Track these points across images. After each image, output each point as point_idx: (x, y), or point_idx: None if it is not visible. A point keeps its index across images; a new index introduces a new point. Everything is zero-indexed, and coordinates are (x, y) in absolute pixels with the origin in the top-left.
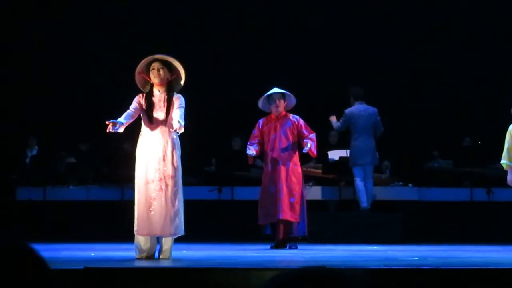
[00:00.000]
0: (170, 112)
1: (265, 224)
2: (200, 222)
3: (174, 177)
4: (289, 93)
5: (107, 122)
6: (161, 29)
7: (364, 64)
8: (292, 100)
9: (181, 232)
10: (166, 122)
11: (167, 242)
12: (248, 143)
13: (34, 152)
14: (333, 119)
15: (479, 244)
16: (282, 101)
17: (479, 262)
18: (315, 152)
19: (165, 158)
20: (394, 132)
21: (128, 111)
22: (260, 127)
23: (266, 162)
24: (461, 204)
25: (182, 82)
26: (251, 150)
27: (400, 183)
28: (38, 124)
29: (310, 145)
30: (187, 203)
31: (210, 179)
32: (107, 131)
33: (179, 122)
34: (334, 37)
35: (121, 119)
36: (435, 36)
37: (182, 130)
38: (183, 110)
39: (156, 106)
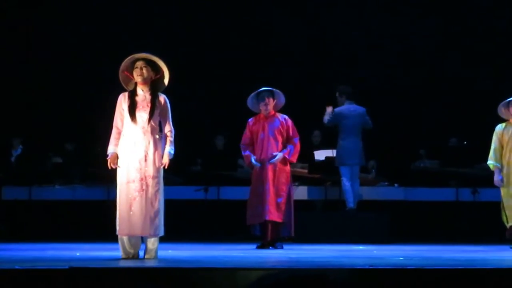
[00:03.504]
0: (154, 113)
1: (254, 224)
2: (186, 222)
3: (155, 177)
4: (278, 91)
5: (108, 160)
6: (145, 27)
7: (350, 64)
8: (282, 99)
9: (161, 232)
10: (149, 122)
11: (152, 242)
12: (242, 146)
13: (19, 151)
14: (329, 109)
15: (465, 244)
16: (271, 99)
17: (465, 262)
18: (293, 159)
19: (147, 158)
20: (381, 132)
21: (114, 134)
22: (250, 127)
23: (256, 161)
24: (447, 204)
25: (166, 82)
26: (256, 161)
27: (386, 183)
28: (24, 124)
29: (278, 157)
30: (173, 203)
31: (196, 178)
32: (110, 168)
33: (169, 154)
34: (321, 38)
35: (115, 147)
36: (424, 36)
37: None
38: (172, 127)
39: (139, 105)
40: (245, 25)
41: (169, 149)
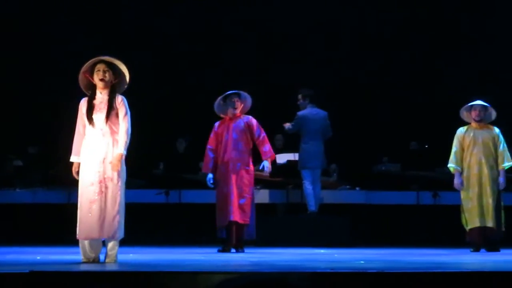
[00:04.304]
0: (111, 114)
1: (222, 227)
2: (147, 226)
3: (114, 179)
4: (245, 93)
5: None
6: (106, 30)
7: (313, 67)
8: (248, 102)
9: (121, 235)
10: (106, 123)
11: (112, 246)
12: (208, 149)
13: None
14: (286, 125)
15: (426, 247)
16: (239, 102)
17: (426, 266)
18: (273, 155)
19: (105, 160)
20: (342, 136)
21: (76, 140)
22: (215, 130)
23: (220, 163)
24: (408, 207)
25: (126, 86)
26: (210, 180)
27: (348, 187)
28: None
29: (266, 166)
30: (134, 206)
31: (157, 182)
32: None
33: (122, 154)
34: (287, 37)
35: (78, 157)
36: (383, 40)
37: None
38: (128, 123)
39: (97, 108)
40: (210, 27)
41: (122, 150)
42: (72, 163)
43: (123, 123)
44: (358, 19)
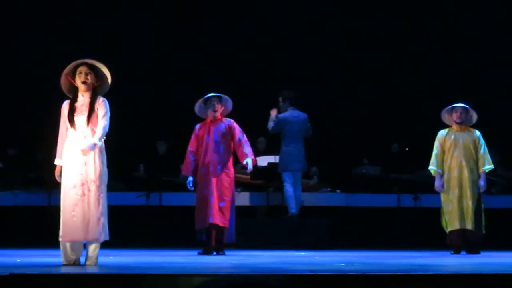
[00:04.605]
0: (92, 116)
1: (201, 230)
2: (127, 228)
3: (96, 181)
4: (226, 97)
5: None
6: (87, 32)
7: (295, 69)
8: (229, 105)
9: (105, 237)
10: (87, 125)
11: (93, 249)
12: (189, 152)
13: None
14: (273, 113)
15: (406, 250)
16: (219, 105)
17: (406, 268)
18: (254, 161)
19: (87, 163)
20: (323, 138)
21: (60, 143)
22: (196, 132)
23: (200, 166)
24: (389, 210)
25: (107, 88)
26: (189, 183)
27: (328, 189)
28: None
29: (249, 164)
30: (115, 209)
31: (138, 184)
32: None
33: (95, 144)
34: (268, 40)
35: (60, 160)
36: (367, 40)
37: (96, 149)
38: (106, 121)
39: (78, 110)
40: (192, 29)
41: (96, 140)
42: (55, 165)
43: (102, 120)
44: (346, 18)
